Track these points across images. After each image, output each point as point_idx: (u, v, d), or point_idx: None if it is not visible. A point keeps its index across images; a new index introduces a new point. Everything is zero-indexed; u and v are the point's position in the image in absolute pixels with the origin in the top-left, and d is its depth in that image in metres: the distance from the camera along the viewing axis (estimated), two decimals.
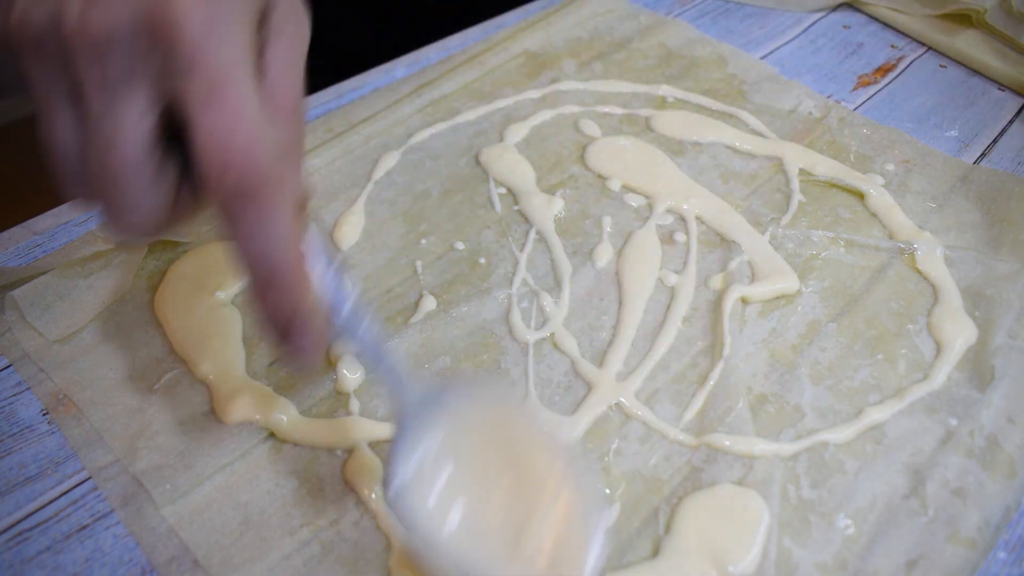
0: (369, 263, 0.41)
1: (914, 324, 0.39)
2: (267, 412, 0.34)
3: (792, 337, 0.38)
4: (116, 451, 0.33)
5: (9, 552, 0.30)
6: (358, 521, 0.31)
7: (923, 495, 0.32)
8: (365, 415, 0.34)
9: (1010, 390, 0.36)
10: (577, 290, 0.40)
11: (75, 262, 0.38)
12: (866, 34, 0.59)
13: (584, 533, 0.27)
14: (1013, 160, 0.49)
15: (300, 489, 0.32)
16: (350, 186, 0.44)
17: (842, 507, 0.32)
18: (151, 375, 0.35)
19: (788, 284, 0.40)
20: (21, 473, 0.32)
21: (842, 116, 0.51)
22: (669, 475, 0.33)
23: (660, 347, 0.37)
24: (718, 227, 0.43)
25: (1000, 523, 0.31)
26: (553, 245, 0.42)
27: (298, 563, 0.30)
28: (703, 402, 0.35)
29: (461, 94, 0.51)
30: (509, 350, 0.37)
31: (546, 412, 0.35)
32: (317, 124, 0.48)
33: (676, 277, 0.41)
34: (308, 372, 0.34)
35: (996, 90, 0.54)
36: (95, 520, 0.31)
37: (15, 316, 0.37)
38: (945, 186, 0.46)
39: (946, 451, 0.33)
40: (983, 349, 0.37)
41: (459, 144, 0.48)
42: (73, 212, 0.42)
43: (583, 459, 0.33)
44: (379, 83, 0.52)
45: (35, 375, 0.35)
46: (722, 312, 0.39)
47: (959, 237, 0.43)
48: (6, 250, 0.40)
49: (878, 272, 0.41)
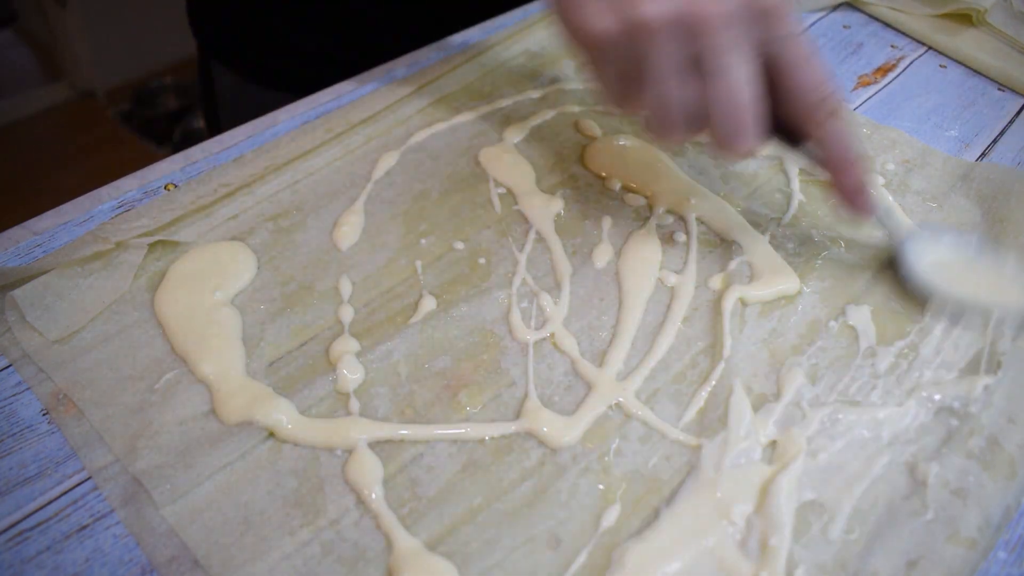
0: (369, 263, 0.41)
1: (915, 323, 0.39)
2: (267, 412, 0.34)
3: (792, 337, 0.38)
4: (116, 451, 0.33)
5: (9, 552, 0.30)
6: (358, 521, 0.31)
7: (923, 495, 0.32)
8: (365, 415, 0.34)
9: (1010, 390, 0.36)
10: (577, 290, 0.40)
11: (75, 262, 0.38)
12: (866, 34, 0.59)
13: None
14: (1013, 160, 0.49)
15: (300, 489, 0.32)
16: (350, 186, 0.44)
17: (842, 507, 0.32)
18: (151, 375, 0.35)
19: (788, 284, 0.40)
20: (21, 473, 0.32)
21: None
22: (669, 475, 0.33)
23: (660, 347, 0.37)
24: (718, 227, 0.43)
25: (1000, 523, 0.31)
26: (553, 245, 0.42)
27: (298, 563, 0.30)
28: (703, 402, 0.35)
29: (461, 94, 0.51)
30: (509, 350, 0.37)
31: (546, 412, 0.35)
32: (317, 124, 0.48)
33: (676, 277, 0.41)
34: (864, 218, 0.40)
35: (996, 90, 0.54)
36: (95, 520, 0.31)
37: (15, 316, 0.37)
38: (945, 186, 0.46)
39: (946, 451, 0.33)
40: (983, 348, 0.37)
41: (459, 144, 0.48)
42: (73, 212, 0.42)
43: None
44: (379, 83, 0.52)
45: (35, 375, 0.35)
46: (722, 312, 0.39)
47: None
48: (6, 250, 0.40)
49: (878, 272, 0.41)
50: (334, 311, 0.38)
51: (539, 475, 0.33)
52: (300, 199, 0.43)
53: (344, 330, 0.37)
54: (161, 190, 0.43)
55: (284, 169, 0.45)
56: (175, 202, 0.42)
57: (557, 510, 0.32)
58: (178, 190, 0.43)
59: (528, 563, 0.30)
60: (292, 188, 0.44)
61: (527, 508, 0.32)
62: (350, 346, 0.36)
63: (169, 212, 0.42)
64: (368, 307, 0.39)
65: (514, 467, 0.33)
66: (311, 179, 0.45)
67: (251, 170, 0.44)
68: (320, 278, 0.40)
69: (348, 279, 0.40)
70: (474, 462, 0.33)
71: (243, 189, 0.44)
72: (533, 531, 0.31)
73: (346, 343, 0.37)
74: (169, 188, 0.43)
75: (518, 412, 0.35)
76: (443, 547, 0.30)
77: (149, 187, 0.43)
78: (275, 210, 0.43)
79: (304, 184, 0.44)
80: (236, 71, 0.67)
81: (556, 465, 0.33)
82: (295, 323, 0.38)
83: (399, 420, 0.34)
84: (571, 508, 0.32)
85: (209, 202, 0.42)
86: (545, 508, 0.32)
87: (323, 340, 0.37)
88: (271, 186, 0.44)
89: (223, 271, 0.39)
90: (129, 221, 0.41)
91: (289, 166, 0.45)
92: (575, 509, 0.32)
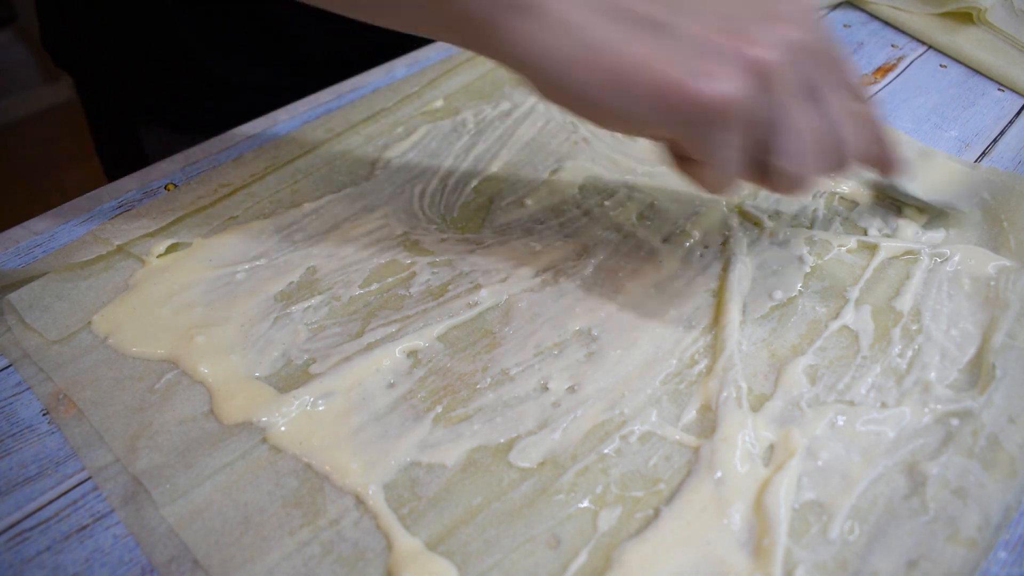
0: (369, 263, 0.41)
1: (915, 323, 0.39)
2: (267, 412, 0.34)
3: (792, 337, 0.38)
4: (116, 451, 0.33)
5: (9, 552, 0.30)
6: (358, 521, 0.31)
7: (923, 495, 0.32)
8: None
9: (1010, 390, 0.36)
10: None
11: (74, 265, 0.38)
12: (866, 33, 0.59)
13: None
14: (1013, 160, 0.49)
15: (300, 489, 0.32)
16: (350, 186, 0.44)
17: (842, 507, 0.32)
18: (151, 375, 0.35)
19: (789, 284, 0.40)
20: (21, 473, 0.32)
21: None
22: (669, 475, 0.33)
23: (660, 347, 0.37)
24: (718, 227, 0.43)
25: (1000, 523, 0.31)
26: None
27: (298, 563, 0.30)
28: (703, 402, 0.35)
29: (461, 94, 0.51)
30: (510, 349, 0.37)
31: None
32: (317, 124, 0.48)
33: (676, 277, 0.40)
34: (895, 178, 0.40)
35: (996, 90, 0.54)
36: (95, 520, 0.31)
37: (15, 317, 0.37)
38: (945, 186, 0.46)
39: (946, 451, 0.33)
40: (983, 349, 0.37)
41: (460, 144, 0.48)
42: (73, 212, 0.42)
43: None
44: (379, 83, 0.52)
45: (35, 375, 0.35)
46: (722, 312, 0.38)
47: (959, 236, 0.43)
48: (6, 250, 0.40)
49: (878, 272, 0.41)
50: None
51: (539, 475, 0.33)
52: (300, 199, 0.43)
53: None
54: (161, 190, 0.43)
55: (284, 169, 0.45)
56: (175, 202, 0.42)
57: (557, 510, 0.32)
58: (178, 190, 0.43)
59: (528, 563, 0.30)
60: (292, 188, 0.44)
61: (527, 508, 0.32)
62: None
63: (169, 212, 0.42)
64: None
65: (514, 467, 0.33)
66: (311, 179, 0.45)
67: (251, 170, 0.45)
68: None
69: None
70: (474, 462, 0.33)
71: (243, 189, 0.44)
72: (533, 531, 0.31)
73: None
74: (169, 188, 0.43)
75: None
76: (443, 547, 0.30)
77: (149, 187, 0.43)
78: (275, 210, 0.43)
79: (304, 184, 0.44)
80: (166, 126, 0.59)
81: (556, 465, 0.33)
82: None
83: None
84: (571, 508, 0.32)
85: (209, 202, 0.42)
86: (545, 508, 0.32)
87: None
88: (271, 186, 0.44)
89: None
90: (129, 221, 0.41)
91: (289, 166, 0.45)
92: (575, 509, 0.32)
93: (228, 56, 0.56)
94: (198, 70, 0.57)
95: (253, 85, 0.58)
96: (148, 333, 0.36)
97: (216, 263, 0.40)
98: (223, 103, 0.58)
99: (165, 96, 0.59)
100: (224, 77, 0.57)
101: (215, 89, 0.58)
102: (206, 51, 0.56)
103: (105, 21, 0.55)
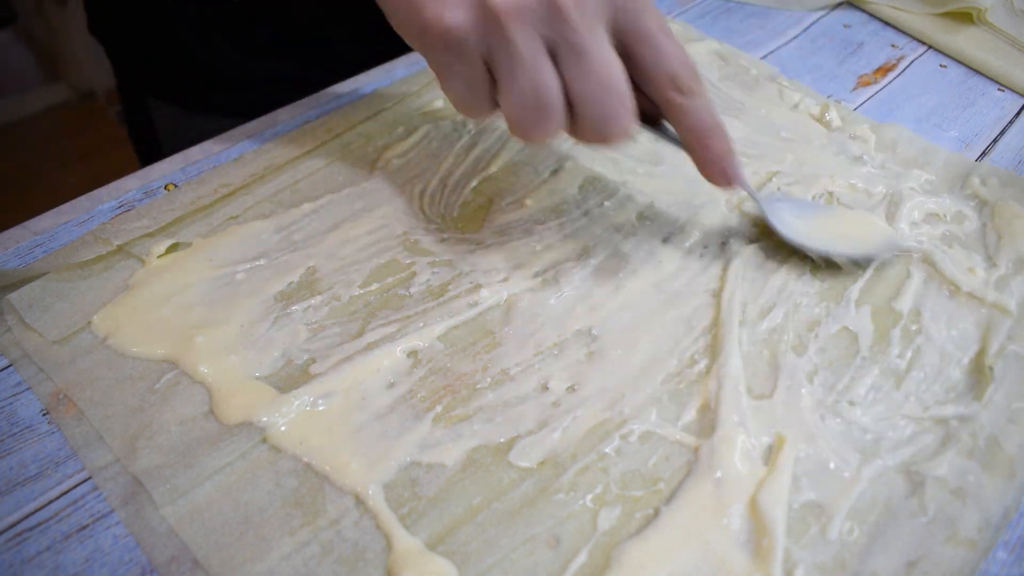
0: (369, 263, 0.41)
1: (915, 324, 0.39)
2: (267, 412, 0.34)
3: (792, 337, 0.38)
4: (116, 451, 0.33)
5: (9, 552, 0.30)
6: (358, 521, 0.31)
7: (923, 496, 0.32)
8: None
9: (1009, 391, 0.36)
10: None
11: (74, 265, 0.38)
12: (866, 33, 0.59)
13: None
14: (1013, 160, 0.49)
15: (300, 489, 0.32)
16: (350, 186, 0.44)
17: (842, 507, 0.32)
18: (151, 375, 0.35)
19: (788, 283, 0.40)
20: (21, 473, 0.32)
21: (842, 116, 0.51)
22: (669, 475, 0.33)
23: (660, 347, 0.37)
24: (718, 227, 0.43)
25: (1000, 523, 0.31)
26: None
27: (298, 563, 0.30)
28: (703, 402, 0.35)
29: None
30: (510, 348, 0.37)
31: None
32: (317, 124, 0.48)
33: (676, 277, 0.40)
34: (732, 186, 0.39)
35: (996, 90, 0.54)
36: (95, 520, 0.31)
37: (15, 317, 0.37)
38: (945, 185, 0.46)
39: (946, 451, 0.33)
40: (983, 350, 0.37)
41: (460, 144, 0.48)
42: (73, 212, 0.42)
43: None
44: (379, 83, 0.52)
45: (35, 375, 0.35)
46: (722, 312, 0.38)
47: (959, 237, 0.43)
48: (6, 250, 0.40)
49: (878, 272, 0.41)
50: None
51: (539, 474, 0.33)
52: (300, 199, 0.43)
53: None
54: (161, 190, 0.43)
55: (284, 169, 0.45)
56: (175, 202, 0.42)
57: (557, 509, 0.32)
58: (178, 190, 0.43)
59: (527, 562, 0.30)
60: (292, 188, 0.44)
61: (527, 508, 0.32)
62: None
63: (169, 212, 0.42)
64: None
65: (514, 467, 0.33)
66: (311, 179, 0.45)
67: (251, 170, 0.45)
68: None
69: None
70: (474, 462, 0.33)
71: (243, 189, 0.44)
72: (533, 531, 0.31)
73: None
74: (169, 188, 0.43)
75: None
76: (443, 547, 0.30)
77: (149, 187, 0.44)
78: (275, 210, 0.43)
79: (304, 184, 0.44)
80: (175, 104, 0.64)
81: (556, 464, 0.33)
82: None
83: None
84: (570, 508, 0.32)
85: (209, 202, 0.43)
86: (545, 507, 0.32)
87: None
88: (271, 186, 0.44)
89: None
90: (129, 221, 0.41)
91: (289, 166, 0.45)
92: (574, 509, 0.32)
93: (238, 46, 0.60)
94: (211, 58, 0.60)
95: (262, 76, 0.60)
96: (148, 333, 0.36)
97: (216, 263, 0.40)
98: (231, 92, 0.61)
99: (178, 76, 0.63)
100: (234, 65, 0.60)
101: (223, 76, 0.61)
102: (221, 40, 0.59)
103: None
